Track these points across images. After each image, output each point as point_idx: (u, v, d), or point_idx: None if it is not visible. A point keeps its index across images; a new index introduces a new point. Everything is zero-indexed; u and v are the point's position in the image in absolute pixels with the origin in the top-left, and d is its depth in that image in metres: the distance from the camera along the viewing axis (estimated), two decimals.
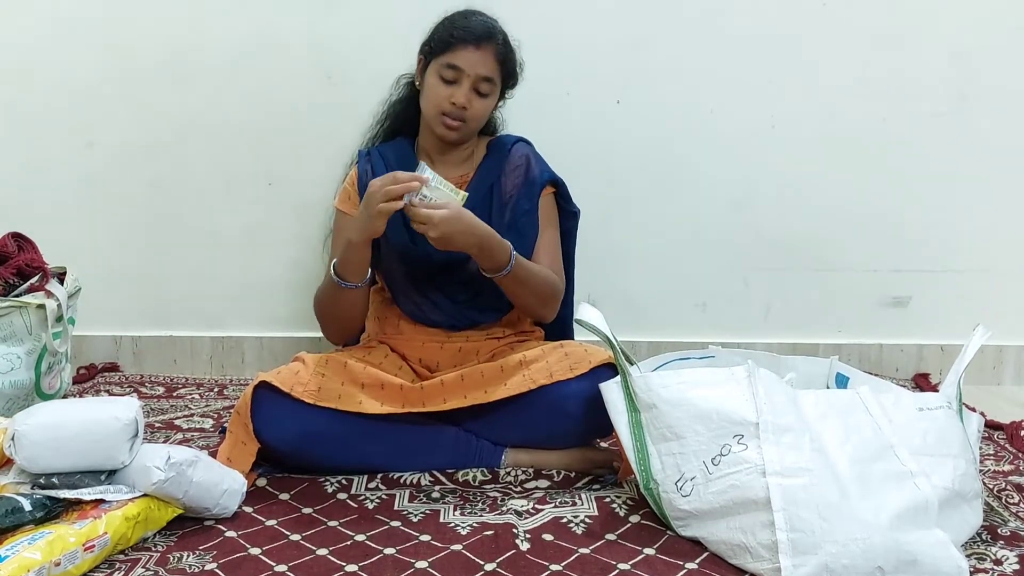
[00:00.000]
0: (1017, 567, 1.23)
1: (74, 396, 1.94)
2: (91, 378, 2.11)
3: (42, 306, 1.73)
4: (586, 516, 1.38)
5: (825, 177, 2.13)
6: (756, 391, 1.27)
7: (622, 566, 1.23)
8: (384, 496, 1.45)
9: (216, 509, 1.34)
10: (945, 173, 2.14)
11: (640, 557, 1.25)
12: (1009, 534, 1.32)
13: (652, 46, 2.07)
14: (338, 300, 1.61)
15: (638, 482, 1.35)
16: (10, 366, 1.70)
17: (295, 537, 1.31)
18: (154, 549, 1.27)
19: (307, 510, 1.41)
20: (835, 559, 1.15)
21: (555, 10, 2.04)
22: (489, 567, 1.22)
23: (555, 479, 1.53)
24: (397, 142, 1.77)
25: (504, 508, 1.40)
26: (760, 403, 1.25)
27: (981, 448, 1.60)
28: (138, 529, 1.25)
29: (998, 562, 1.24)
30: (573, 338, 1.77)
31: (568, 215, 1.77)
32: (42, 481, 1.25)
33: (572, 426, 1.53)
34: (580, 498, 1.45)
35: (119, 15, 2.04)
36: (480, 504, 1.42)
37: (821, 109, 2.10)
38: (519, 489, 1.49)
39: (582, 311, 1.42)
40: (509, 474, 1.54)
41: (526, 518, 1.37)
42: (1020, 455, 1.69)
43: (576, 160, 1.89)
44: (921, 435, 1.29)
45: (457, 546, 1.28)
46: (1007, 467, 1.63)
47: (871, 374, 1.69)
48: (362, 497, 1.45)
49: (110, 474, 1.29)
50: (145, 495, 1.27)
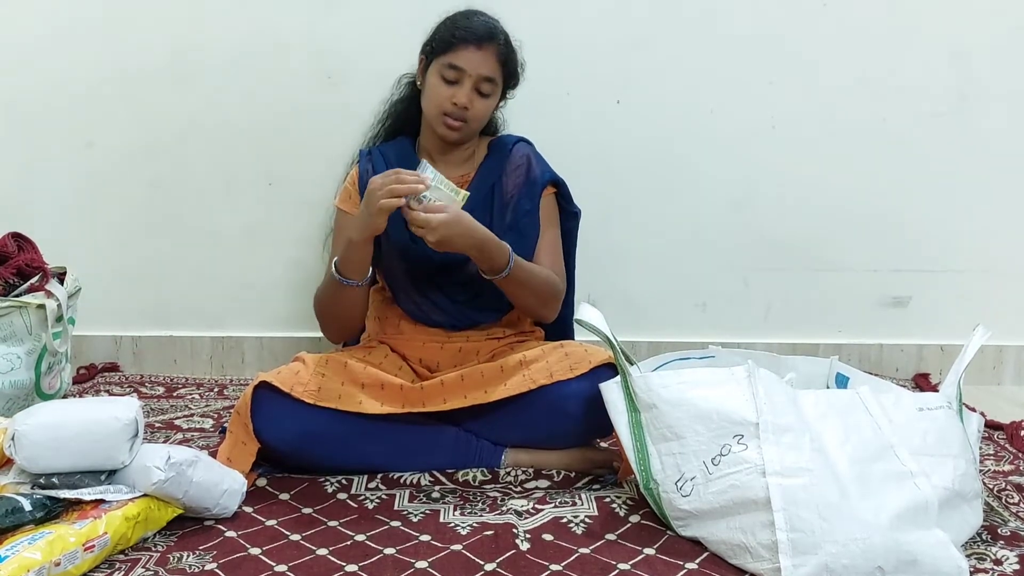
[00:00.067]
0: (1017, 567, 1.23)
1: (74, 396, 1.94)
2: (91, 378, 2.11)
3: (42, 306, 1.73)
4: (586, 516, 1.38)
5: (825, 177, 2.13)
6: (756, 391, 1.27)
7: (622, 566, 1.23)
8: (384, 496, 1.45)
9: (216, 509, 1.34)
10: (945, 173, 2.14)
11: (640, 557, 1.25)
12: (1009, 534, 1.32)
13: (652, 46, 2.07)
14: (339, 299, 1.61)
15: (638, 482, 1.35)
16: (10, 366, 1.70)
17: (295, 537, 1.31)
18: (154, 549, 1.27)
19: (307, 510, 1.40)
20: (835, 559, 1.15)
21: (555, 10, 2.04)
22: (489, 567, 1.22)
23: (555, 479, 1.53)
24: (398, 141, 1.77)
25: (504, 508, 1.40)
26: (760, 403, 1.25)
27: (981, 448, 1.60)
28: (138, 529, 1.25)
29: (998, 562, 1.24)
30: (573, 338, 1.77)
31: (569, 215, 1.77)
32: (42, 481, 1.25)
33: (572, 426, 1.53)
34: (580, 498, 1.45)
35: (119, 15, 2.04)
36: (480, 504, 1.42)
37: (821, 109, 2.10)
38: (519, 489, 1.49)
39: (582, 311, 1.42)
40: (509, 474, 1.54)
41: (526, 518, 1.36)
42: (1020, 455, 1.69)
43: (576, 160, 1.89)
44: (921, 435, 1.29)
45: (457, 546, 1.28)
46: (1007, 467, 1.62)
47: (871, 374, 1.69)
48: (362, 497, 1.45)
49: (110, 474, 1.29)
50: (145, 495, 1.27)
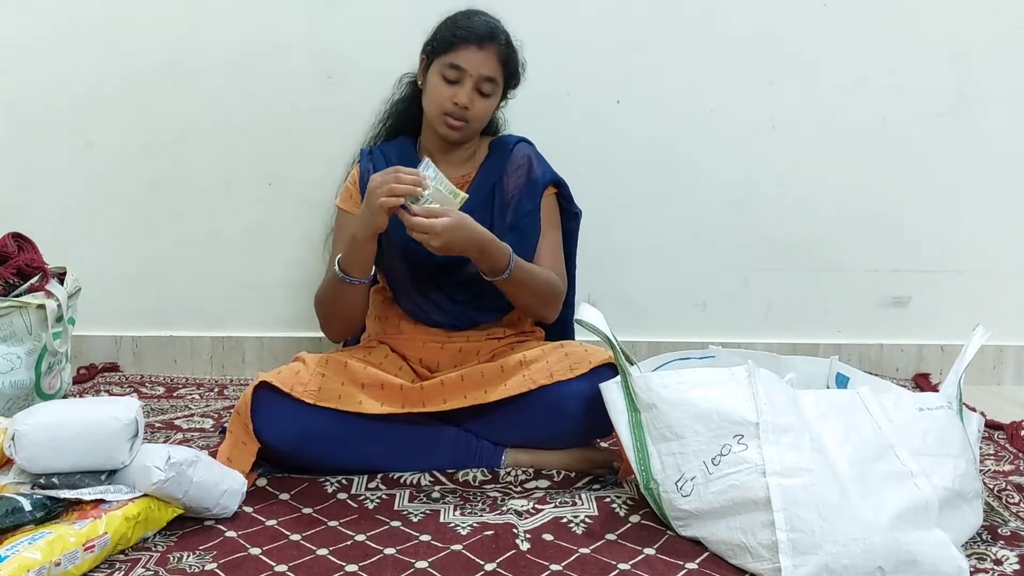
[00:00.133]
0: (1017, 567, 1.23)
1: (74, 396, 1.94)
2: (91, 378, 2.11)
3: (42, 306, 1.73)
4: (586, 516, 1.38)
5: (825, 177, 2.13)
6: (756, 391, 1.27)
7: (622, 566, 1.22)
8: (384, 496, 1.45)
9: (216, 509, 1.34)
10: (945, 173, 2.14)
11: (640, 557, 1.25)
12: (1009, 534, 1.32)
13: (652, 46, 2.07)
14: (340, 297, 1.60)
15: (638, 482, 1.35)
16: (10, 366, 1.70)
17: (295, 537, 1.31)
18: (154, 549, 1.27)
19: (307, 510, 1.40)
20: (835, 559, 1.15)
21: (555, 10, 2.04)
22: (489, 567, 1.22)
23: (555, 479, 1.53)
24: (399, 141, 1.77)
25: (504, 508, 1.40)
26: (760, 403, 1.25)
27: (981, 448, 1.60)
28: (138, 529, 1.25)
29: (998, 562, 1.24)
30: (574, 338, 1.77)
31: (570, 216, 1.77)
32: (42, 481, 1.25)
33: (572, 426, 1.53)
34: (580, 498, 1.45)
35: (119, 15, 2.04)
36: (480, 504, 1.42)
37: (821, 109, 2.10)
38: (519, 489, 1.49)
39: (582, 311, 1.42)
40: (509, 474, 1.54)
41: (526, 518, 1.36)
42: (1020, 455, 1.69)
43: (576, 160, 1.89)
44: (921, 435, 1.29)
45: (457, 546, 1.28)
46: (1007, 467, 1.62)
47: (871, 374, 1.69)
48: (362, 497, 1.45)
49: (110, 474, 1.29)
50: (145, 495, 1.27)
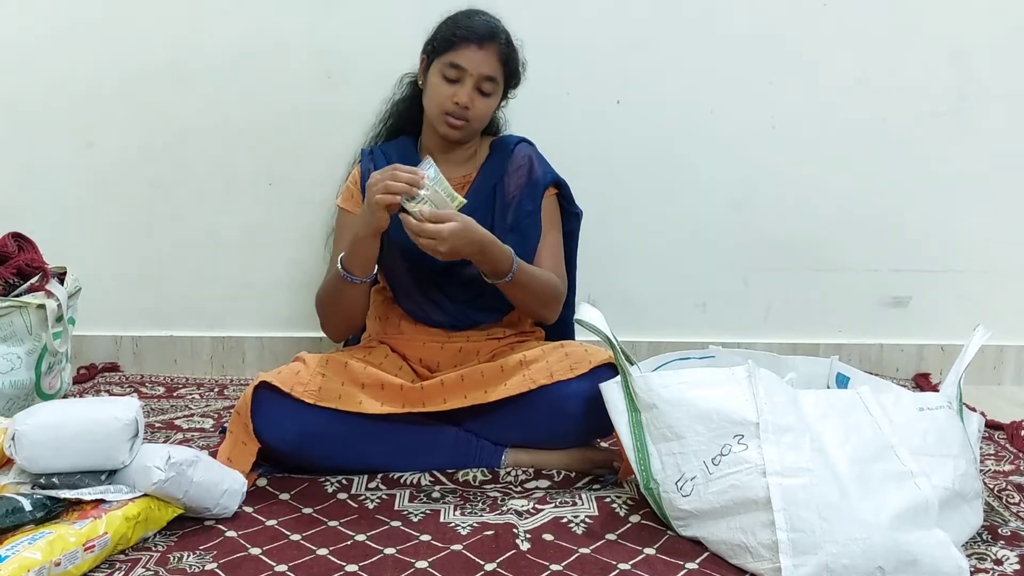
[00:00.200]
0: (1018, 567, 1.23)
1: (74, 396, 1.94)
2: (91, 378, 2.11)
3: (42, 306, 1.73)
4: (586, 516, 1.38)
5: (825, 177, 2.13)
6: (756, 391, 1.27)
7: (622, 566, 1.22)
8: (384, 496, 1.45)
9: (216, 509, 1.33)
10: (945, 173, 2.14)
11: (640, 557, 1.25)
12: (1009, 534, 1.32)
13: (652, 46, 2.07)
14: (341, 296, 1.60)
15: (638, 482, 1.35)
16: (10, 366, 1.70)
17: (295, 537, 1.31)
18: (154, 549, 1.27)
19: (307, 510, 1.40)
20: (835, 559, 1.15)
21: (555, 10, 2.04)
22: (489, 567, 1.22)
23: (555, 479, 1.53)
24: (400, 141, 1.77)
25: (504, 508, 1.40)
26: (760, 403, 1.25)
27: (981, 448, 1.60)
28: (138, 529, 1.25)
29: (998, 562, 1.24)
30: (574, 338, 1.77)
31: (571, 216, 1.77)
32: (42, 481, 1.25)
33: (572, 426, 1.52)
34: (580, 498, 1.45)
35: (119, 15, 2.04)
36: (480, 504, 1.42)
37: (821, 109, 2.10)
38: (519, 489, 1.49)
39: (582, 311, 1.42)
40: (509, 474, 1.54)
41: (526, 518, 1.36)
42: (1020, 455, 1.69)
43: (576, 160, 1.89)
44: (921, 435, 1.29)
45: (457, 546, 1.27)
46: (1007, 467, 1.62)
47: (871, 374, 1.69)
48: (362, 497, 1.45)
49: (110, 474, 1.29)
50: (145, 495, 1.27)
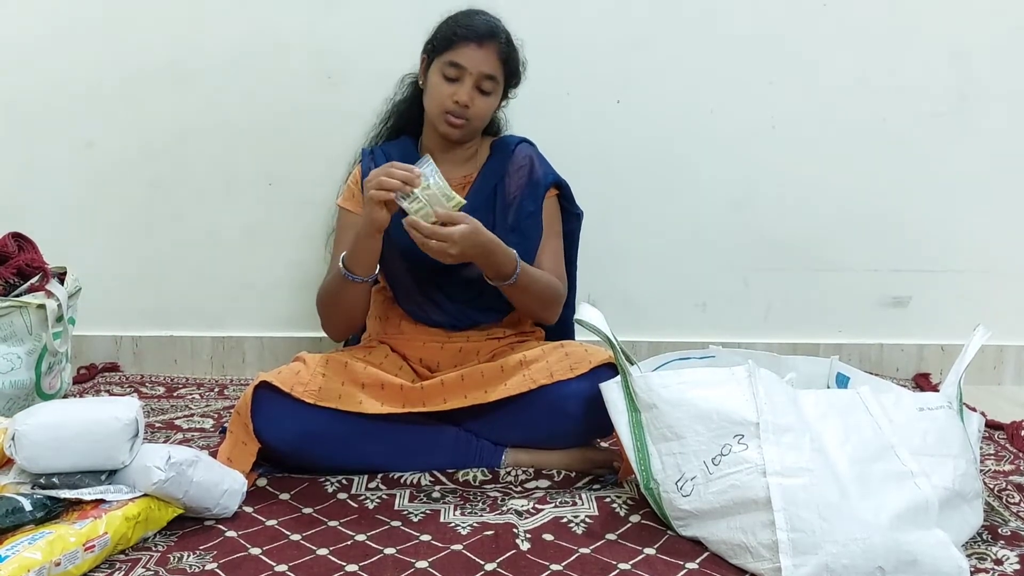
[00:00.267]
0: (1018, 567, 1.23)
1: (74, 396, 1.94)
2: (91, 378, 2.11)
3: (42, 306, 1.73)
4: (586, 516, 1.38)
5: (825, 177, 2.13)
6: (756, 391, 1.27)
7: (622, 566, 1.22)
8: (384, 496, 1.45)
9: (216, 509, 1.33)
10: (945, 173, 2.14)
11: (640, 557, 1.25)
12: (1010, 534, 1.32)
13: (652, 46, 2.07)
14: (342, 296, 1.60)
15: (638, 482, 1.35)
16: (10, 366, 1.70)
17: (295, 537, 1.31)
18: (154, 549, 1.27)
19: (307, 510, 1.40)
20: (835, 559, 1.15)
21: (555, 10, 2.04)
22: (489, 567, 1.22)
23: (555, 479, 1.53)
24: (401, 140, 1.77)
25: (504, 508, 1.40)
26: (760, 403, 1.25)
27: (981, 448, 1.60)
28: (138, 529, 1.25)
29: (999, 562, 1.24)
30: (574, 338, 1.77)
31: (572, 216, 1.77)
32: (42, 481, 1.25)
33: (572, 426, 1.52)
34: (580, 498, 1.45)
35: (119, 15, 2.04)
36: (480, 504, 1.42)
37: (821, 109, 2.10)
38: (519, 489, 1.49)
39: (582, 311, 1.42)
40: (509, 474, 1.54)
41: (526, 518, 1.36)
42: (1020, 455, 1.69)
43: (576, 160, 1.89)
44: (921, 435, 1.29)
45: (457, 546, 1.28)
46: (1007, 467, 1.62)
47: (871, 374, 1.69)
48: (362, 497, 1.45)
49: (110, 474, 1.29)
50: (145, 495, 1.27)
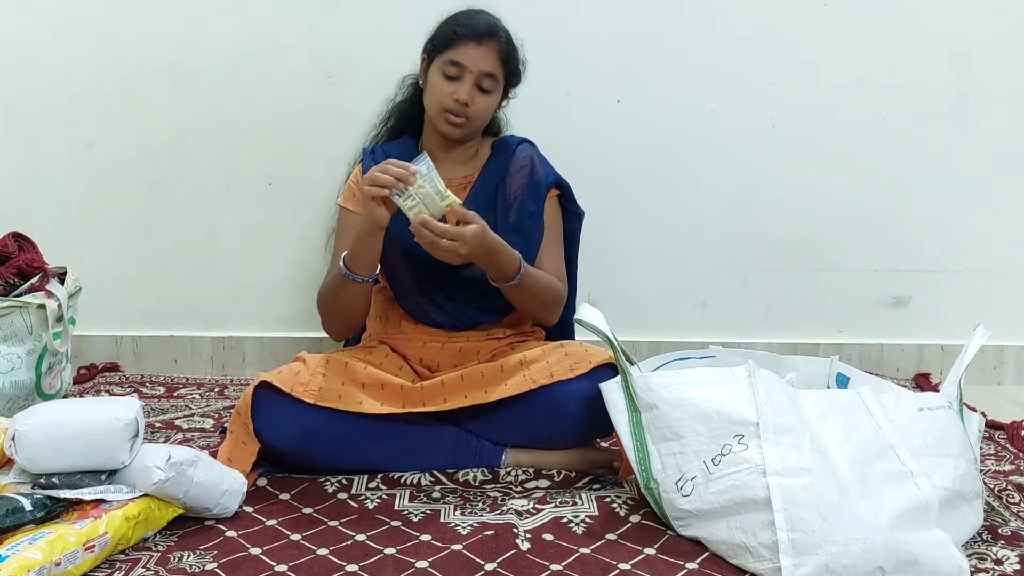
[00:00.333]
0: (1018, 567, 1.23)
1: (74, 396, 1.94)
2: (91, 378, 2.11)
3: (42, 306, 1.73)
4: (586, 516, 1.38)
5: (825, 177, 2.13)
6: (756, 391, 1.27)
7: (622, 566, 1.22)
8: (384, 496, 1.45)
9: (216, 509, 1.33)
10: (945, 173, 2.14)
11: (640, 557, 1.25)
12: (1010, 534, 1.32)
13: (652, 46, 2.07)
14: (343, 295, 1.60)
15: (638, 482, 1.35)
16: (10, 366, 1.70)
17: (295, 537, 1.31)
18: (154, 549, 1.27)
19: (307, 510, 1.40)
20: (835, 559, 1.15)
21: (555, 10, 2.04)
22: (489, 567, 1.22)
23: (555, 479, 1.53)
24: (402, 140, 1.77)
25: (504, 508, 1.40)
26: (760, 403, 1.25)
27: (982, 448, 1.60)
28: (138, 529, 1.25)
29: (999, 562, 1.24)
30: (574, 338, 1.77)
31: (572, 216, 1.77)
32: (43, 481, 1.25)
33: (572, 426, 1.52)
34: (580, 498, 1.45)
35: (119, 16, 2.04)
36: (480, 504, 1.42)
37: (821, 109, 2.11)
38: (519, 489, 1.49)
39: (582, 311, 1.42)
40: (509, 474, 1.54)
41: (526, 518, 1.36)
42: (1020, 455, 1.69)
43: (576, 160, 1.89)
44: (921, 435, 1.29)
45: (457, 546, 1.27)
46: (1008, 467, 1.62)
47: (872, 374, 1.69)
48: (362, 497, 1.45)
49: (110, 474, 1.29)
50: (145, 495, 1.27)
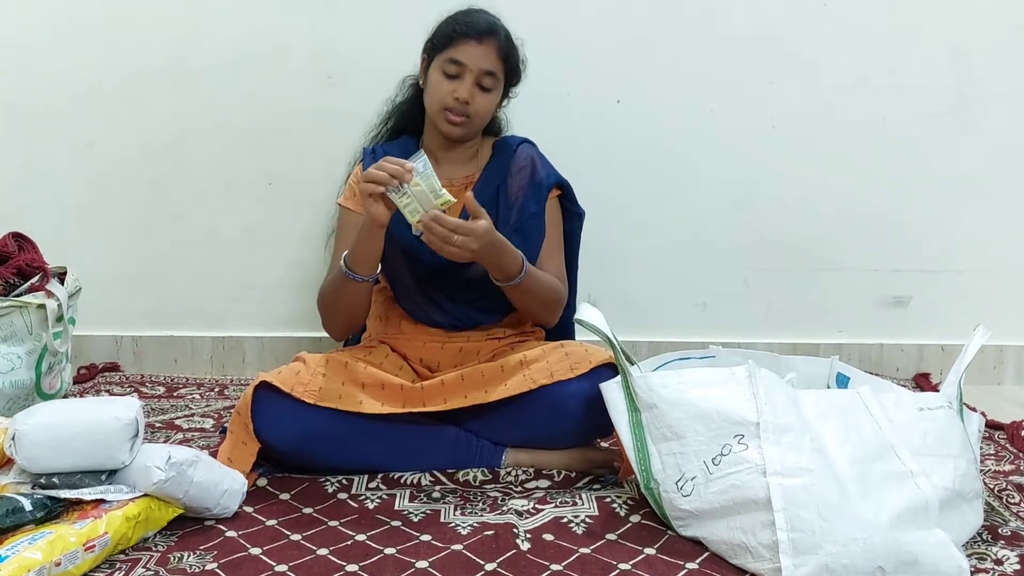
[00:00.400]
0: (1018, 567, 1.23)
1: (75, 396, 1.94)
2: (92, 378, 2.11)
3: (42, 306, 1.73)
4: (586, 516, 1.38)
5: (825, 177, 2.14)
6: (756, 391, 1.27)
7: (623, 566, 1.22)
8: (384, 496, 1.45)
9: (216, 509, 1.33)
10: (945, 173, 2.14)
11: (640, 557, 1.25)
12: (1010, 534, 1.32)
13: (652, 46, 2.07)
14: (343, 295, 1.60)
15: (638, 482, 1.35)
16: (11, 366, 1.70)
17: (295, 537, 1.31)
18: (155, 549, 1.27)
19: (307, 510, 1.40)
20: (835, 559, 1.15)
21: (555, 10, 2.04)
22: (489, 567, 1.22)
23: (555, 479, 1.53)
24: (402, 140, 1.77)
25: (504, 508, 1.39)
26: (760, 403, 1.25)
27: (982, 448, 1.60)
28: (139, 529, 1.25)
29: (999, 562, 1.24)
30: (574, 338, 1.77)
31: (573, 216, 1.77)
32: (43, 481, 1.25)
33: (572, 426, 1.52)
34: (580, 498, 1.45)
35: (119, 15, 2.04)
36: (480, 504, 1.42)
37: (821, 109, 2.11)
38: (519, 489, 1.49)
39: (582, 311, 1.42)
40: (509, 474, 1.54)
41: (526, 518, 1.36)
42: (1020, 455, 1.69)
43: (576, 160, 1.89)
44: (921, 435, 1.29)
45: (457, 546, 1.27)
46: (1008, 467, 1.62)
47: (872, 374, 1.69)
48: (362, 497, 1.45)
49: (110, 474, 1.29)
50: (146, 495, 1.27)
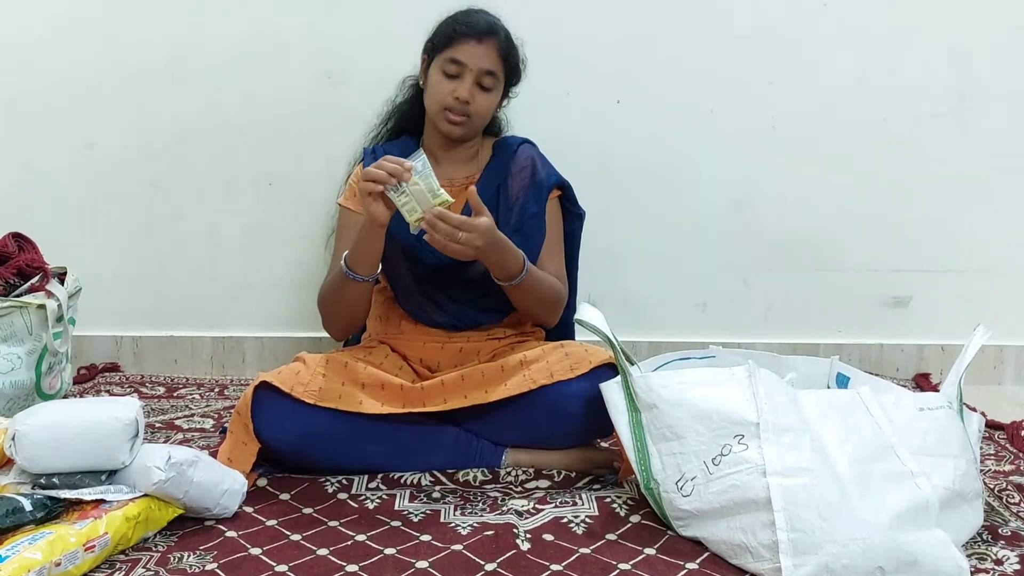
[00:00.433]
0: (1018, 567, 1.23)
1: (75, 396, 1.94)
2: (92, 378, 2.11)
3: (42, 306, 1.73)
4: (586, 516, 1.38)
5: (825, 177, 2.14)
6: (756, 391, 1.27)
7: (623, 566, 1.22)
8: (384, 496, 1.45)
9: (216, 509, 1.33)
10: (945, 173, 2.14)
11: (640, 557, 1.25)
12: (1010, 534, 1.32)
13: (652, 46, 2.07)
14: (344, 295, 1.60)
15: (638, 482, 1.35)
16: (11, 366, 1.70)
17: (295, 537, 1.31)
18: (155, 549, 1.27)
19: (307, 510, 1.40)
20: (835, 559, 1.15)
21: (555, 10, 2.05)
22: (489, 567, 1.22)
23: (555, 479, 1.53)
24: (402, 140, 1.77)
25: (504, 508, 1.39)
26: (760, 403, 1.25)
27: (982, 448, 1.60)
28: (139, 529, 1.25)
29: (999, 562, 1.24)
30: (574, 338, 1.77)
31: (573, 217, 1.77)
32: (43, 481, 1.25)
33: (572, 426, 1.52)
34: (580, 498, 1.45)
35: (119, 15, 2.04)
36: (480, 504, 1.42)
37: (821, 109, 2.11)
38: (519, 489, 1.49)
39: (582, 311, 1.42)
40: (509, 474, 1.54)
41: (526, 518, 1.36)
42: (1021, 455, 1.69)
43: (576, 160, 1.89)
44: (921, 435, 1.29)
45: (457, 546, 1.27)
46: (1008, 467, 1.62)
47: (872, 374, 1.69)
48: (362, 497, 1.45)
49: (110, 474, 1.29)
50: (146, 495, 1.27)
